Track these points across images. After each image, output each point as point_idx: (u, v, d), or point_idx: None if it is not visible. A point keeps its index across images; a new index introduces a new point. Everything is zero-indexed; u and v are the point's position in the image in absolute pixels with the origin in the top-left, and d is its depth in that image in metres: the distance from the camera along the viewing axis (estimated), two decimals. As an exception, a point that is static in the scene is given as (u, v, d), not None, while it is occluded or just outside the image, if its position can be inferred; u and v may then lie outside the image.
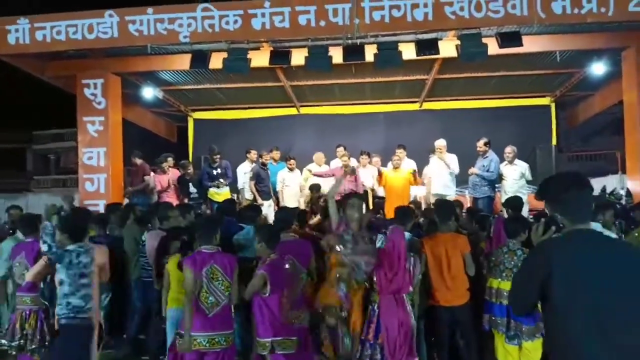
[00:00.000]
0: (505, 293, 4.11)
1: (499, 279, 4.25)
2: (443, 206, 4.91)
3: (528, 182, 11.06)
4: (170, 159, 9.08)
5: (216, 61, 7.43)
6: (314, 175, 8.64)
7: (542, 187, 2.28)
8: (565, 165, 14.46)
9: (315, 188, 8.19)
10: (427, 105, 12.08)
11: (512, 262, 4.21)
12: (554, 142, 11.82)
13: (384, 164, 8.99)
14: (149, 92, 10.17)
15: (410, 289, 4.15)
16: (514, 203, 5.79)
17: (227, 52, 7.21)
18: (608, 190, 7.15)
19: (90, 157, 8.35)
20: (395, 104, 12.12)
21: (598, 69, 9.02)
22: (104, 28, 7.29)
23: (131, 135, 16.12)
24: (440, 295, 4.37)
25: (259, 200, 8.44)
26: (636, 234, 5.00)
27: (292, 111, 12.37)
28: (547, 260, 2.07)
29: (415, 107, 12.11)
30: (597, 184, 10.63)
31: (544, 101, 11.91)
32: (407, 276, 4.09)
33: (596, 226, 4.20)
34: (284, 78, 9.87)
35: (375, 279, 4.06)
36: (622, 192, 8.34)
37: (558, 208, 2.18)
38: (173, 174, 9.17)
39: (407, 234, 4.55)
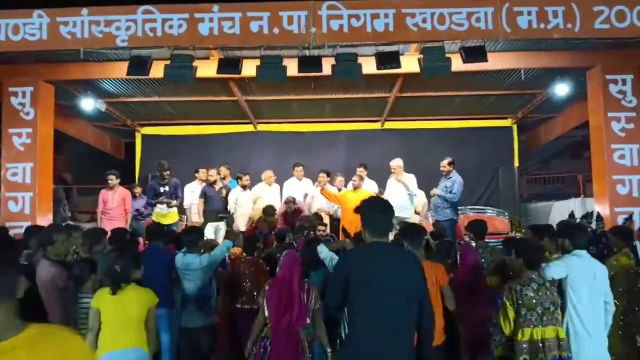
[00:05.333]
0: (548, 343, 3.50)
1: (540, 326, 3.52)
2: (413, 230, 4.27)
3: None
4: (113, 176, 8.25)
5: (160, 70, 6.76)
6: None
7: (359, 206, 2.83)
8: (525, 188, 14.39)
9: (269, 211, 7.56)
10: (389, 125, 11.73)
11: (549, 300, 3.55)
12: (516, 164, 11.64)
13: (346, 184, 8.49)
14: (89, 104, 9.32)
15: (307, 321, 3.60)
16: (477, 228, 5.31)
17: (170, 59, 6.55)
18: (577, 215, 6.80)
19: (14, 174, 7.42)
20: (356, 123, 11.72)
21: (561, 89, 8.84)
22: (32, 29, 6.51)
23: (74, 151, 15.18)
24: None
25: (199, 220, 7.79)
26: (614, 262, 4.57)
27: (249, 128, 11.74)
28: (348, 264, 2.71)
29: (376, 126, 11.74)
30: (561, 206, 10.47)
31: (506, 123, 11.75)
32: (302, 307, 3.58)
33: (582, 253, 3.75)
34: (238, 92, 9.25)
35: (267, 312, 3.58)
36: (579, 216, 8.01)
37: (364, 222, 2.75)
38: (121, 193, 8.33)
39: None
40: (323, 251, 4.31)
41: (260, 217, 7.57)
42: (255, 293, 5.09)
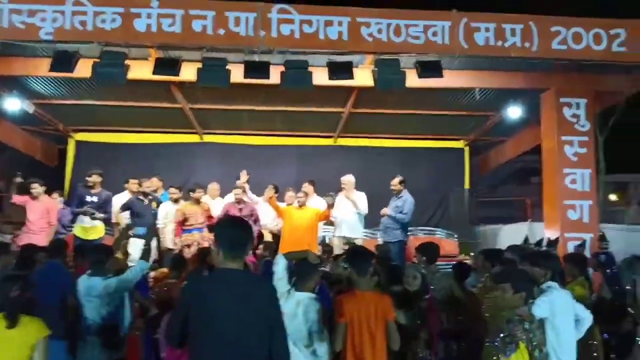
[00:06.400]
0: None
1: None
2: (359, 254, 3.68)
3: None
4: (36, 184, 7.42)
5: (90, 68, 6.10)
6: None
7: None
8: (475, 211, 14.42)
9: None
10: (342, 141, 11.39)
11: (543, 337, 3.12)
12: (467, 185, 11.54)
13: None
14: (14, 104, 8.43)
15: None
16: (430, 252, 4.95)
17: (99, 57, 5.92)
18: (532, 241, 6.62)
19: None
20: (308, 137, 11.30)
21: (514, 112, 8.77)
22: (-58, 15, 5.75)
23: (7, 157, 13.97)
24: None
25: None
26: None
27: (195, 138, 11.09)
28: (188, 295, 2.44)
29: (330, 142, 11.38)
30: (509, 230, 10.40)
31: (458, 144, 11.68)
32: None
33: (555, 285, 3.41)
34: (182, 98, 8.65)
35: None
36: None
37: (217, 241, 2.51)
38: (45, 204, 7.50)
39: (309, 295, 3.42)
40: (280, 263, 3.47)
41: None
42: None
